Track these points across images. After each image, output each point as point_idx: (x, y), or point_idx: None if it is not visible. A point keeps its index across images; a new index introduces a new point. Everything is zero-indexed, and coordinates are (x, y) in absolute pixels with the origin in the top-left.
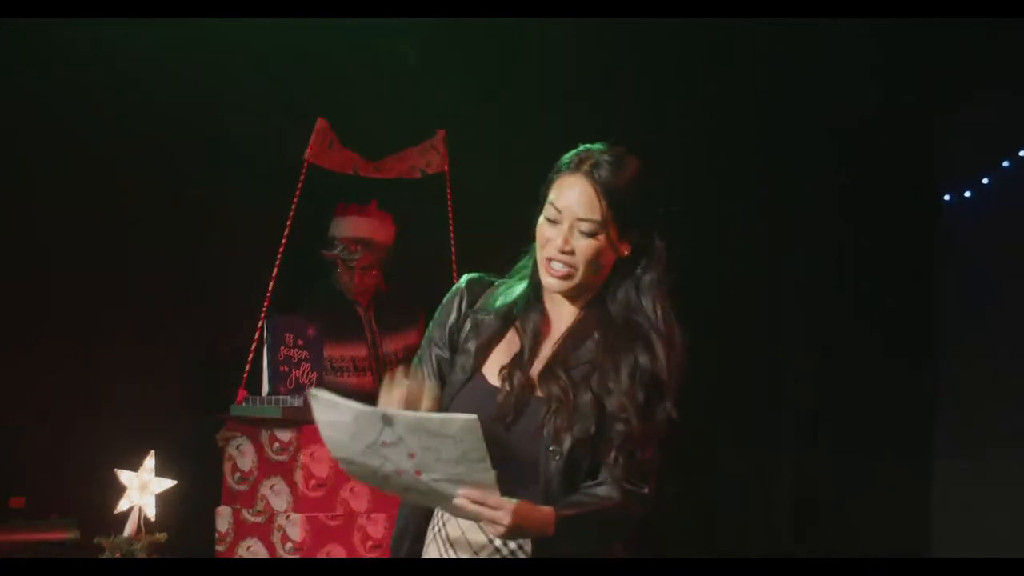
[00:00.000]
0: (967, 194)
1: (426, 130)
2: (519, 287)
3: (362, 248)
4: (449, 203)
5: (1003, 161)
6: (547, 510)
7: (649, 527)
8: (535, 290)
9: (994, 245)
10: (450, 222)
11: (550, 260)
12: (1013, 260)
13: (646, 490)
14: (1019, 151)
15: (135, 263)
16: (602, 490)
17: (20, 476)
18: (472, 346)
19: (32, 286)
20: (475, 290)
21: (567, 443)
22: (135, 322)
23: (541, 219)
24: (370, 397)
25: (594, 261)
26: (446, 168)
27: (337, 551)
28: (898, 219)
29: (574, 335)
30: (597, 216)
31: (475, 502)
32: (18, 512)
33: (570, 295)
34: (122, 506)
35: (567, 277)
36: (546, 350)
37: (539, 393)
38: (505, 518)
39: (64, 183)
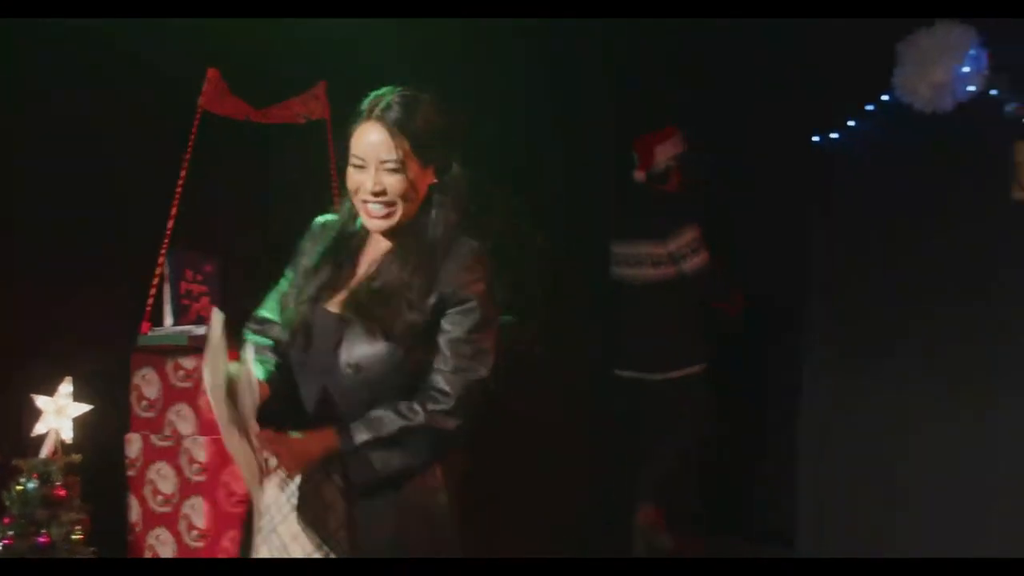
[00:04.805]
0: (834, 136)
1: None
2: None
3: None
4: (330, 148)
5: (867, 105)
6: (325, 434)
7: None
8: (353, 227)
9: (862, 183)
10: (332, 167)
11: (366, 203)
12: (879, 196)
13: (448, 405)
14: (882, 95)
15: (55, 206)
16: (403, 406)
17: None
18: (312, 282)
19: None
20: (322, 231)
21: (359, 359)
22: (52, 259)
23: (349, 168)
24: None
25: (406, 195)
26: (327, 116)
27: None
28: (769, 160)
29: (386, 261)
30: (396, 155)
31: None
32: None
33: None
34: (39, 429)
35: (387, 216)
36: (360, 277)
37: (343, 315)
38: (278, 452)
39: None
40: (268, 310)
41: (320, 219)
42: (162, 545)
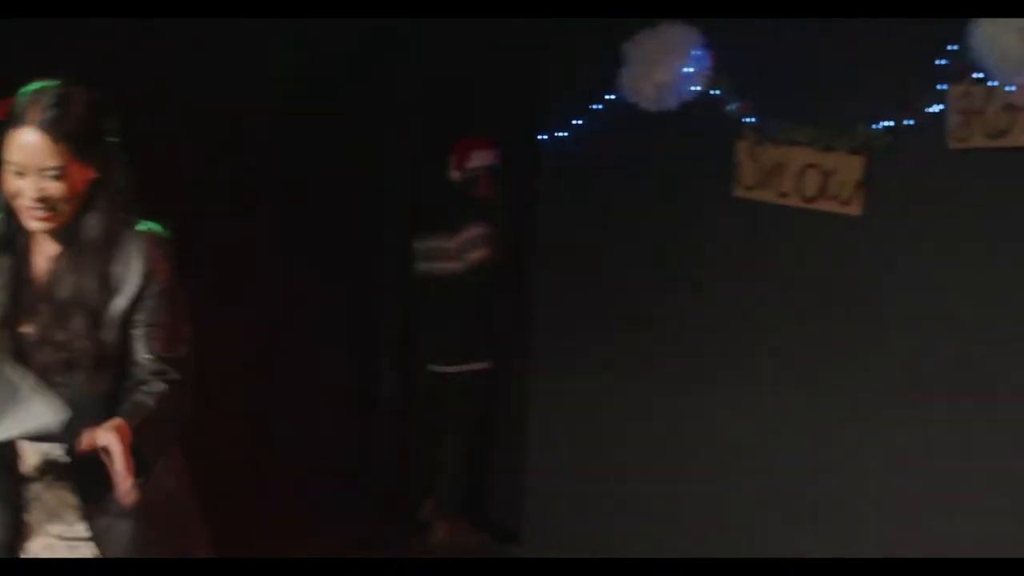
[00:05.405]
0: (561, 134)
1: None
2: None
3: None
4: None
5: (592, 105)
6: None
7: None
8: (16, 232)
9: (589, 181)
10: None
11: (29, 208)
12: (606, 194)
13: (166, 377)
14: (607, 96)
15: None
16: (150, 387)
17: None
18: None
19: None
20: None
21: (69, 380)
22: None
23: (6, 173)
24: None
25: (69, 198)
26: None
27: None
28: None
29: (59, 270)
30: (58, 162)
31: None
32: None
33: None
34: None
35: (50, 219)
36: (37, 291)
37: (30, 331)
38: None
39: None
40: None
41: None
42: None
